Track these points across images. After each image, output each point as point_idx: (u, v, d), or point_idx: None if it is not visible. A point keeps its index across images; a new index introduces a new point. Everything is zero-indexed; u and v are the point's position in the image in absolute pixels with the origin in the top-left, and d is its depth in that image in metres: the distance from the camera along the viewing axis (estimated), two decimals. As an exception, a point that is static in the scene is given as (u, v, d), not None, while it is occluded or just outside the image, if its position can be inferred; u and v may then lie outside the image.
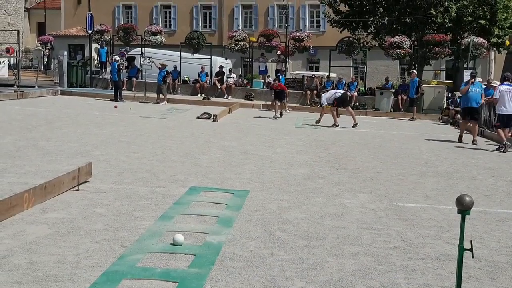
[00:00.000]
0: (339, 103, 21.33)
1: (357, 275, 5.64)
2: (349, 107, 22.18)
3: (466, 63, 31.13)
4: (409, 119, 26.32)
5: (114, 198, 8.16)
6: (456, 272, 4.63)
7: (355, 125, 20.97)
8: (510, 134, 18.93)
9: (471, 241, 4.60)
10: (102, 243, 6.20)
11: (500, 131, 16.62)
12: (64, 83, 34.04)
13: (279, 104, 23.89)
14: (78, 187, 8.56)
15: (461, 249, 4.55)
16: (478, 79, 18.97)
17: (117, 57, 30.04)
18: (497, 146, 16.58)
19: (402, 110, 29.18)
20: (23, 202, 7.26)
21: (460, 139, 17.92)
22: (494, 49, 36.04)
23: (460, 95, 18.67)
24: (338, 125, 20.86)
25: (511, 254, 6.56)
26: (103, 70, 36.21)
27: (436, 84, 32.32)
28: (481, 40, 30.89)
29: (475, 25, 32.90)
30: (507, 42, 34.80)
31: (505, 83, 17.06)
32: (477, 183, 11.04)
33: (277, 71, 34.34)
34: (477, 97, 17.84)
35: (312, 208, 8.33)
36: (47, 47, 45.15)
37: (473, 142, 17.50)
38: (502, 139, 16.44)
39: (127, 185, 9.13)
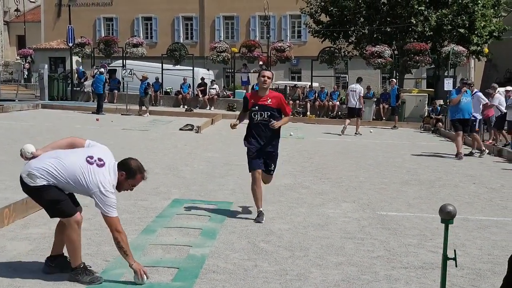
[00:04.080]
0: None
1: (341, 286, 5.64)
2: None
3: (446, 71, 31.35)
4: (391, 128, 26.43)
5: (96, 212, 8.04)
6: (440, 281, 4.65)
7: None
8: (491, 141, 19.12)
9: (454, 250, 4.62)
10: (84, 257, 6.13)
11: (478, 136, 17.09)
12: (45, 96, 33.85)
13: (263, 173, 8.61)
14: (60, 202, 8.49)
15: (445, 258, 4.57)
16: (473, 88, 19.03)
17: (103, 70, 29.91)
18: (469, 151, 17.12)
19: (384, 118, 29.31)
20: (4, 218, 7.20)
21: (459, 154, 16.05)
22: (474, 57, 36.36)
23: (441, 105, 18.27)
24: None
25: (493, 261, 6.60)
26: (83, 84, 35.75)
27: (417, 93, 32.52)
28: (460, 48, 31.16)
29: (454, 33, 33.21)
30: (486, 50, 35.15)
31: (476, 90, 17.68)
32: (459, 191, 11.11)
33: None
34: (469, 107, 16.27)
35: (296, 218, 8.34)
36: (27, 60, 44.92)
37: (457, 155, 16.02)
38: (480, 144, 16.95)
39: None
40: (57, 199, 5.35)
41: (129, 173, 5.55)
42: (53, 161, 5.34)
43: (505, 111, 18.94)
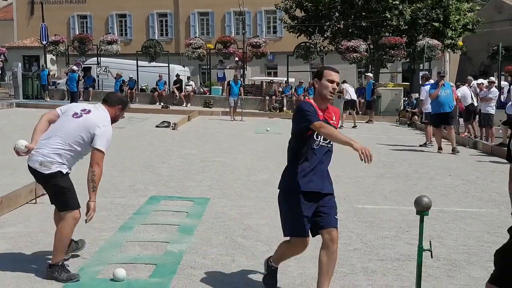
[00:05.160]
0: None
1: (318, 279, 5.66)
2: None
3: (421, 65, 31.59)
4: (365, 122, 26.55)
5: (73, 210, 8.06)
6: (416, 272, 4.70)
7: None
8: (466, 133, 19.30)
9: (430, 241, 4.67)
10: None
11: (430, 129, 17.06)
12: (19, 95, 33.48)
13: None
14: (36, 200, 8.45)
15: (421, 250, 4.61)
16: (431, 80, 19.16)
17: (75, 68, 29.66)
18: (423, 142, 17.43)
19: (360, 113, 29.45)
20: (-21, 217, 7.14)
21: (440, 149, 15.78)
22: (449, 50, 36.69)
23: (416, 98, 18.72)
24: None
25: (468, 252, 6.67)
26: (46, 92, 34.65)
27: (392, 87, 32.73)
28: (435, 42, 31.46)
29: (429, 27, 33.48)
30: (460, 43, 35.49)
31: (428, 83, 17.74)
32: (435, 183, 11.20)
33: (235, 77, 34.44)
34: (449, 100, 15.88)
35: (273, 213, 8.33)
36: (0, 59, 44.41)
37: (454, 150, 15.60)
38: (430, 136, 17.09)
39: (86, 197, 9.01)
40: (68, 188, 5.58)
41: (124, 104, 6.00)
42: (57, 139, 5.52)
43: (468, 103, 19.20)
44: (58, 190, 5.53)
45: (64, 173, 5.55)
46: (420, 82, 20.38)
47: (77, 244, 6.10)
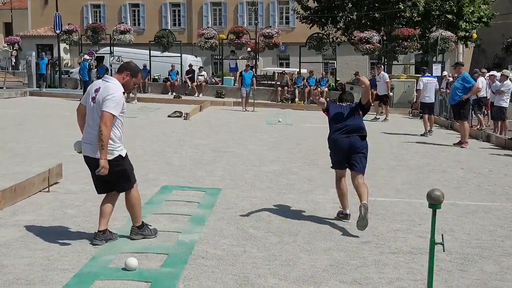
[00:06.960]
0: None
1: (329, 271, 5.67)
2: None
3: (434, 57, 31.42)
4: (382, 120, 26.37)
5: (85, 199, 8.10)
6: (428, 266, 4.68)
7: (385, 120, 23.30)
8: (478, 126, 19.18)
9: (442, 235, 4.65)
10: (73, 244, 6.15)
11: (425, 117, 18.11)
12: (33, 84, 33.58)
13: None
14: (48, 189, 8.49)
15: (433, 243, 4.59)
16: (445, 72, 19.14)
17: (87, 57, 29.68)
18: (422, 132, 18.02)
19: (372, 104, 29.32)
20: (-8, 205, 7.17)
21: (463, 143, 15.63)
22: (462, 42, 36.44)
23: (417, 88, 19.23)
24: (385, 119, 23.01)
25: (481, 246, 6.64)
26: (43, 82, 34.37)
27: (405, 78, 32.56)
28: (449, 33, 31.22)
29: (442, 19, 33.25)
30: (474, 36, 35.23)
31: (426, 75, 18.63)
32: (447, 176, 11.15)
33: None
34: (454, 93, 15.57)
35: (285, 204, 8.35)
36: (14, 48, 44.53)
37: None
38: (426, 125, 18.01)
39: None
40: (131, 168, 6.30)
41: (133, 72, 6.22)
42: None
43: (482, 95, 19.09)
44: (123, 173, 6.11)
45: (124, 155, 6.10)
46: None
47: (112, 234, 6.37)
